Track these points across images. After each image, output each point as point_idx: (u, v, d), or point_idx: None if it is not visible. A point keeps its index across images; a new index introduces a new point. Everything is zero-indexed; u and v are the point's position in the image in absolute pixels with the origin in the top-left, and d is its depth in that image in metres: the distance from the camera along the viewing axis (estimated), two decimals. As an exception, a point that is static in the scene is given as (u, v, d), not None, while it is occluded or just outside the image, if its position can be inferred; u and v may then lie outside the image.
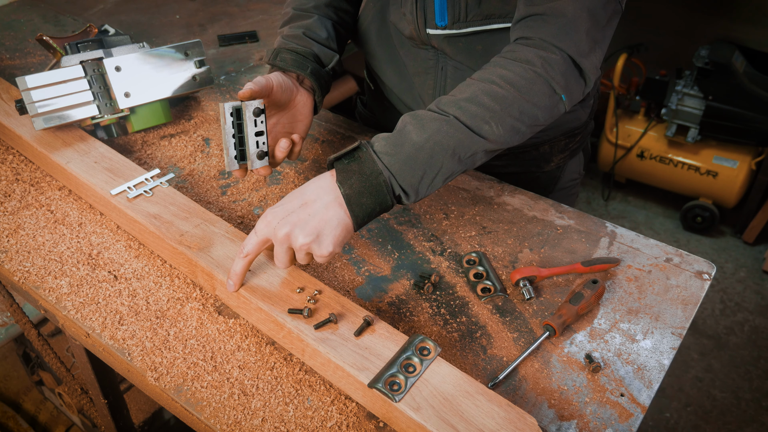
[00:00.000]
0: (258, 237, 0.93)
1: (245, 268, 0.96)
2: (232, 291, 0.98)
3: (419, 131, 0.94)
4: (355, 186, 0.91)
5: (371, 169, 0.92)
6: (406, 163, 0.93)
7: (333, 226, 0.90)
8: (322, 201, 0.91)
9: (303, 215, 0.91)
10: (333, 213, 0.91)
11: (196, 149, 1.38)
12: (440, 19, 1.12)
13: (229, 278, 0.97)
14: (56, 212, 1.22)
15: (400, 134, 0.95)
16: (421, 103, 1.29)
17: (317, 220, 0.90)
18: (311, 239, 0.90)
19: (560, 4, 0.96)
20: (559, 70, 0.97)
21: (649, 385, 0.94)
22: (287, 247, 0.92)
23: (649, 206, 3.37)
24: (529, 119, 0.97)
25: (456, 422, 0.81)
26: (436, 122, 0.94)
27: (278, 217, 0.91)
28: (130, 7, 2.02)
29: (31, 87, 1.21)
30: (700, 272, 1.11)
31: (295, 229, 0.90)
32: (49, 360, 1.66)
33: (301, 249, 0.91)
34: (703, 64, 2.85)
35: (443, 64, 1.20)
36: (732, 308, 2.82)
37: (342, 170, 0.93)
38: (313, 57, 1.19)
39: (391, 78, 1.33)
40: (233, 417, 0.89)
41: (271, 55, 1.19)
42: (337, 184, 0.92)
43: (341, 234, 0.91)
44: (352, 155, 0.94)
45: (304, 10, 1.26)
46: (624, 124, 3.18)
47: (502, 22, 1.09)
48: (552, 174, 1.39)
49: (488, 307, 1.05)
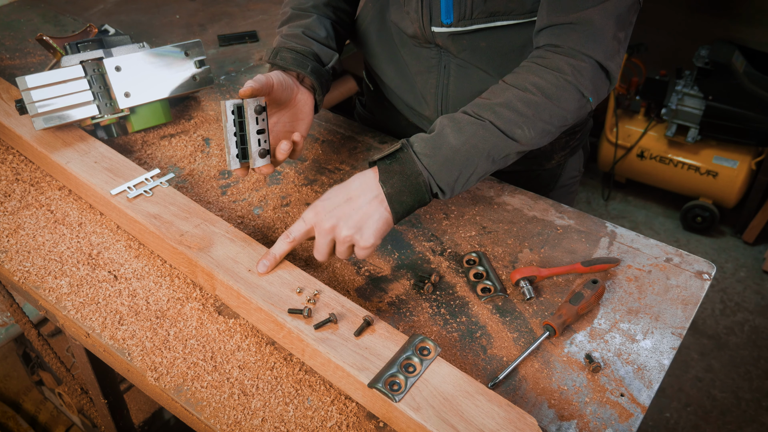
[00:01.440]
0: (306, 225, 1.00)
1: (286, 252, 1.01)
2: (263, 272, 1.00)
3: (457, 134, 1.00)
4: (397, 185, 0.98)
5: (411, 170, 0.99)
6: (444, 164, 0.99)
7: (375, 220, 0.97)
8: (365, 197, 0.98)
9: (348, 209, 0.97)
10: (375, 208, 0.98)
11: (196, 149, 1.38)
12: (446, 17, 1.12)
13: (266, 258, 1.00)
14: (56, 212, 1.22)
15: (439, 136, 1.00)
16: (423, 103, 1.29)
17: (360, 214, 0.97)
18: (354, 231, 0.97)
19: (588, 13, 0.99)
20: (588, 77, 1.02)
21: (649, 385, 0.94)
22: (330, 239, 0.99)
23: (649, 206, 3.37)
24: (558, 121, 1.03)
25: (456, 422, 0.81)
26: (472, 126, 1.00)
27: (326, 210, 0.98)
28: (130, 7, 2.02)
29: (31, 87, 1.21)
30: (700, 272, 1.11)
31: (340, 222, 0.97)
32: (49, 360, 1.66)
33: (344, 241, 0.98)
34: (703, 64, 2.85)
35: (446, 62, 1.20)
36: (732, 308, 2.82)
37: (384, 170, 0.99)
38: (313, 56, 1.19)
39: (391, 78, 1.33)
40: (233, 417, 0.90)
41: (270, 54, 1.19)
42: (379, 183, 0.99)
43: (382, 227, 0.98)
44: (394, 156, 1.00)
45: (302, 10, 1.26)
46: (624, 124, 3.18)
47: (506, 20, 1.10)
48: (553, 172, 1.39)
49: (488, 307, 1.05)
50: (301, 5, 1.27)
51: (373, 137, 1.42)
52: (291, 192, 1.28)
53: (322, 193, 1.26)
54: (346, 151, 1.38)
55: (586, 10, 0.99)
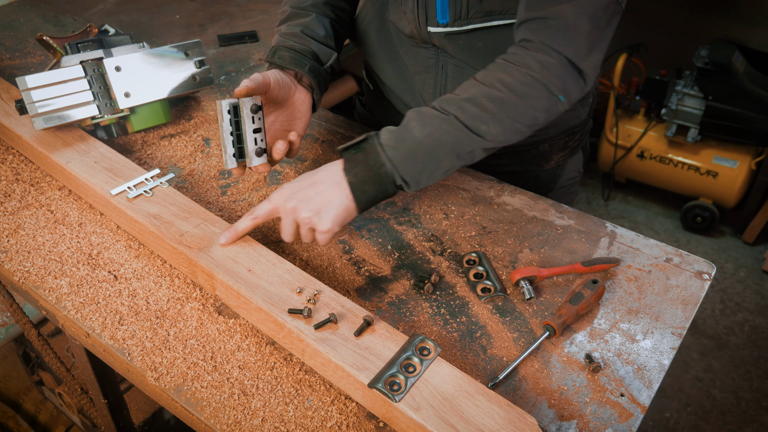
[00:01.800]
0: (270, 205, 1.03)
1: (248, 229, 1.04)
2: (223, 243, 1.04)
3: (421, 127, 1.01)
4: (360, 175, 1.00)
5: (375, 160, 1.00)
6: (407, 157, 1.00)
7: (335, 206, 0.99)
8: (328, 182, 1.00)
9: (310, 193, 1.00)
10: (336, 195, 1.00)
11: (196, 149, 1.38)
12: (441, 17, 1.12)
13: (228, 231, 1.04)
14: (56, 212, 1.22)
15: (404, 129, 1.02)
16: (421, 102, 1.29)
17: (321, 198, 1.00)
18: (313, 214, 0.99)
19: (561, 8, 0.98)
20: (556, 74, 1.00)
21: (649, 385, 0.94)
22: (292, 219, 1.01)
23: (649, 206, 3.37)
24: (527, 120, 1.02)
25: (456, 422, 0.81)
26: (437, 120, 1.01)
27: (291, 192, 1.01)
28: (130, 7, 2.02)
29: (31, 87, 1.21)
30: (700, 272, 1.11)
31: (301, 204, 1.00)
32: (49, 360, 1.66)
33: (304, 223, 1.00)
34: (703, 64, 2.85)
35: (444, 62, 1.20)
36: (732, 308, 2.82)
37: (349, 159, 1.01)
38: (312, 55, 1.19)
39: (391, 77, 1.33)
40: (233, 417, 0.89)
41: (269, 52, 1.19)
42: (343, 171, 1.00)
43: (341, 214, 1.00)
44: (359, 146, 1.02)
45: (301, 9, 1.26)
46: (624, 124, 3.18)
47: (502, 19, 1.10)
48: (552, 172, 1.39)
49: (488, 307, 1.05)
50: (300, 4, 1.27)
51: (373, 137, 1.41)
52: (291, 192, 1.28)
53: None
54: (346, 151, 1.38)
55: (560, 5, 0.98)
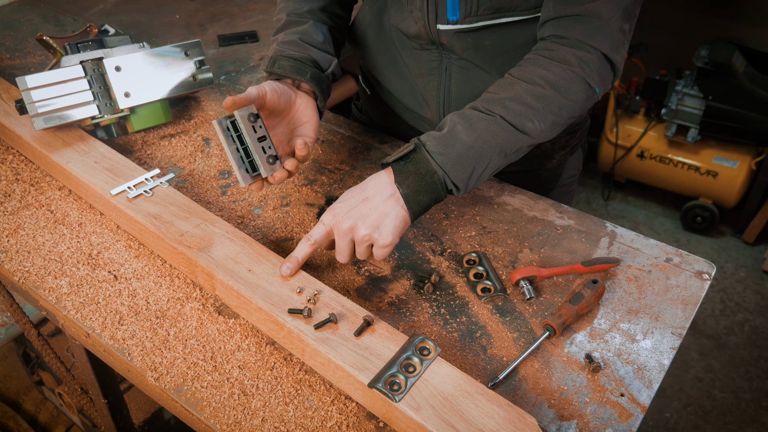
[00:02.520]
0: (325, 227, 1.01)
1: (308, 255, 1.02)
2: (286, 275, 1.00)
3: (468, 131, 1.01)
4: (413, 186, 1.00)
5: (426, 169, 1.00)
6: (457, 162, 1.01)
7: (392, 218, 0.99)
8: (381, 197, 1.00)
9: (364, 209, 0.99)
10: (391, 207, 0.99)
11: (196, 149, 1.38)
12: (452, 14, 1.12)
13: (288, 261, 1.01)
14: (56, 212, 1.22)
15: (451, 134, 1.02)
16: (424, 105, 1.28)
17: (377, 213, 0.99)
18: (372, 230, 0.98)
19: (595, 6, 1.00)
20: (594, 68, 1.03)
21: (649, 385, 0.94)
22: (349, 240, 1.00)
23: (649, 206, 3.37)
24: (567, 113, 1.05)
25: (456, 422, 0.81)
26: (484, 122, 1.02)
27: (343, 211, 1.00)
28: (130, 7, 2.02)
29: (31, 87, 1.21)
30: (700, 272, 1.11)
31: (358, 222, 0.98)
32: (49, 360, 1.66)
33: (362, 240, 0.99)
34: (703, 64, 2.85)
35: (447, 64, 1.20)
36: (732, 308, 2.82)
37: (399, 171, 1.01)
38: (312, 62, 1.18)
39: (391, 81, 1.33)
40: (233, 417, 0.89)
41: (268, 63, 1.17)
42: (395, 184, 1.00)
43: (399, 225, 1.00)
44: (408, 157, 1.02)
45: (298, 16, 1.25)
46: (624, 124, 3.18)
47: (511, 16, 1.10)
48: (553, 171, 1.39)
49: (488, 307, 1.05)
50: (297, 11, 1.25)
51: (372, 137, 1.42)
52: (291, 192, 1.28)
53: (322, 193, 1.27)
54: (346, 151, 1.38)
55: (593, 2, 1.00)
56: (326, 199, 1.25)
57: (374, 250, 1.00)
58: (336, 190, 1.27)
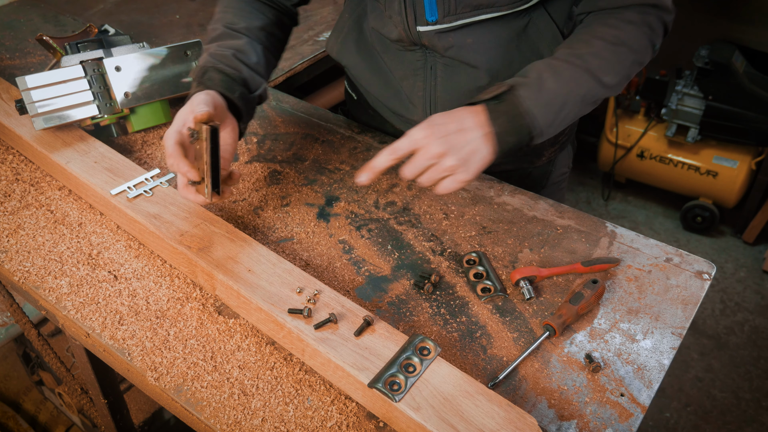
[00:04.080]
0: (412, 145, 1.00)
1: (388, 165, 1.01)
2: (364, 182, 1.02)
3: (555, 78, 1.04)
4: (504, 126, 1.01)
5: (517, 111, 1.02)
6: (544, 107, 1.03)
7: (481, 157, 1.00)
8: (477, 132, 1.00)
9: (460, 140, 0.99)
10: (483, 145, 1.00)
11: (196, 149, 1.38)
12: (430, 15, 1.12)
13: (366, 170, 1.02)
14: (56, 212, 1.22)
15: (539, 80, 1.03)
16: (410, 107, 1.28)
17: (470, 148, 0.99)
18: (460, 163, 0.99)
19: None
20: (655, 28, 1.10)
21: (649, 385, 0.94)
22: (431, 164, 0.99)
23: (649, 206, 3.37)
24: (635, 69, 1.10)
25: (456, 422, 0.81)
26: (569, 71, 1.05)
27: (438, 134, 0.98)
28: (130, 7, 2.02)
29: (31, 87, 1.21)
30: (700, 272, 1.11)
31: (452, 150, 0.98)
32: (49, 360, 1.66)
33: (446, 169, 0.99)
34: (703, 64, 2.85)
35: (432, 63, 1.20)
36: (732, 308, 2.82)
37: (493, 110, 1.01)
38: (242, 81, 1.12)
39: (375, 86, 1.32)
40: (233, 417, 0.90)
41: (197, 71, 1.12)
42: (489, 122, 1.00)
43: (483, 165, 1.01)
44: (500, 97, 1.02)
45: (235, 30, 1.19)
46: (624, 124, 3.18)
47: (491, 12, 1.10)
48: (544, 169, 1.39)
49: (488, 307, 1.05)
50: (233, 25, 1.20)
51: (372, 137, 1.42)
52: (291, 192, 1.28)
53: (322, 193, 1.27)
54: (346, 151, 1.38)
55: None
56: (326, 199, 1.26)
57: (447, 182, 1.00)
58: (336, 190, 1.28)
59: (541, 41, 1.16)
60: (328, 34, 1.93)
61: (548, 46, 1.16)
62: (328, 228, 1.19)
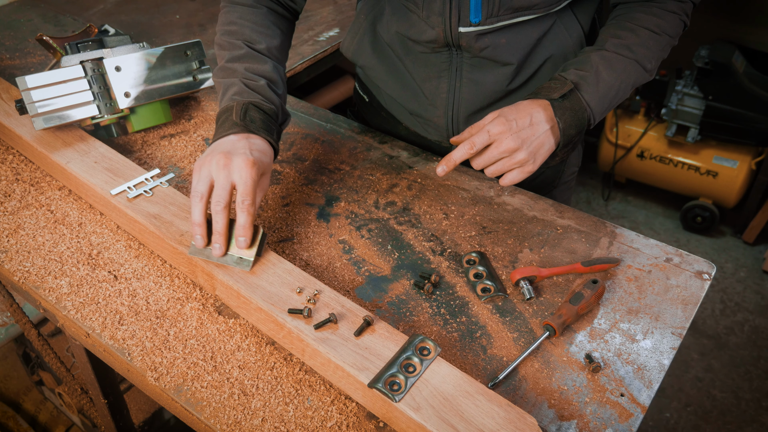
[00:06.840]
0: (490, 138, 1.05)
1: (465, 158, 1.07)
2: (442, 174, 1.09)
3: (609, 71, 1.11)
4: (567, 121, 1.09)
5: (578, 105, 1.09)
6: (600, 99, 1.11)
7: (546, 150, 1.08)
8: (545, 126, 1.07)
9: (531, 134, 1.06)
10: (548, 138, 1.08)
11: (196, 149, 1.38)
12: (474, 16, 1.13)
13: (444, 163, 1.08)
14: (56, 212, 1.22)
15: (595, 73, 1.11)
16: (431, 108, 1.28)
17: (538, 141, 1.07)
18: (529, 156, 1.06)
19: None
20: (688, 15, 1.18)
21: (649, 385, 0.94)
22: (503, 157, 1.06)
23: (649, 206, 3.37)
24: (667, 53, 1.18)
25: (456, 422, 0.81)
26: (621, 63, 1.12)
27: (513, 130, 1.05)
28: (130, 7, 2.02)
29: (31, 87, 1.21)
30: (700, 272, 1.11)
31: (524, 145, 1.05)
32: (49, 360, 1.66)
33: (516, 162, 1.06)
34: (703, 64, 2.85)
35: (458, 64, 1.20)
36: (732, 308, 2.82)
37: (558, 107, 1.08)
38: (276, 116, 1.10)
39: (392, 88, 1.32)
40: (233, 417, 0.90)
41: (239, 112, 1.06)
42: (556, 118, 1.07)
43: (546, 157, 1.09)
44: (566, 95, 1.09)
45: (257, 51, 1.15)
46: (624, 124, 3.18)
47: (528, 14, 1.14)
48: (556, 168, 1.40)
49: (488, 307, 1.05)
50: (254, 44, 1.15)
51: (373, 137, 1.42)
52: (291, 192, 1.28)
53: (322, 193, 1.27)
54: (346, 151, 1.38)
55: None
56: (326, 198, 1.26)
57: (515, 173, 1.07)
58: (336, 190, 1.27)
59: (566, 40, 1.21)
60: (328, 34, 1.93)
61: (573, 45, 1.21)
62: (328, 228, 1.20)
